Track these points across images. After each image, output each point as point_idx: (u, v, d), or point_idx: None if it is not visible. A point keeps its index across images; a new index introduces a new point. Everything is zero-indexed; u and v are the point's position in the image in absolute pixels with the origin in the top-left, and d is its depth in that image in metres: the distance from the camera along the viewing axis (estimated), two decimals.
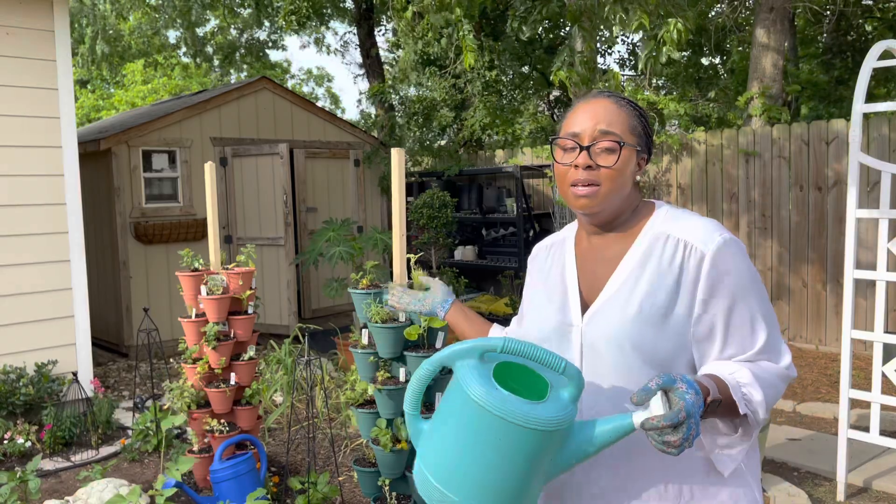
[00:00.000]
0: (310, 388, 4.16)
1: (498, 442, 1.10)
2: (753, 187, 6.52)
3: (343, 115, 21.84)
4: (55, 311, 4.83)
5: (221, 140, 7.37)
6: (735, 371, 1.26)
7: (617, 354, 1.30)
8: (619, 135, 1.33)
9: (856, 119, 3.41)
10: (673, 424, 1.08)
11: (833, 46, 10.81)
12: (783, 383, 1.31)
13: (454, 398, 1.15)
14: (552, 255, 1.51)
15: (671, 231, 1.33)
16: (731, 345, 1.29)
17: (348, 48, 25.59)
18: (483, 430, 1.10)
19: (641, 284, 1.31)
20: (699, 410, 1.10)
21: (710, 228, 1.31)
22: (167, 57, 14.54)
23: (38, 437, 4.28)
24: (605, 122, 1.34)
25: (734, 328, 1.29)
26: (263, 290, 7.26)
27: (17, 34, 4.69)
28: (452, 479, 1.13)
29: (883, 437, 3.38)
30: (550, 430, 1.11)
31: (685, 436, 1.08)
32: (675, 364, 1.30)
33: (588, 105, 1.38)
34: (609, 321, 1.31)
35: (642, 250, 1.34)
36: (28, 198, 4.74)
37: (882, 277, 3.35)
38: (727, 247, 1.28)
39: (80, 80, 19.86)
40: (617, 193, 1.35)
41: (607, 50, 12.60)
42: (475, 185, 8.12)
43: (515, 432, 1.09)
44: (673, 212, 1.38)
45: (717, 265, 1.28)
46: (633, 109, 1.39)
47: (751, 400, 1.24)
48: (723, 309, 1.28)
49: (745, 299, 1.28)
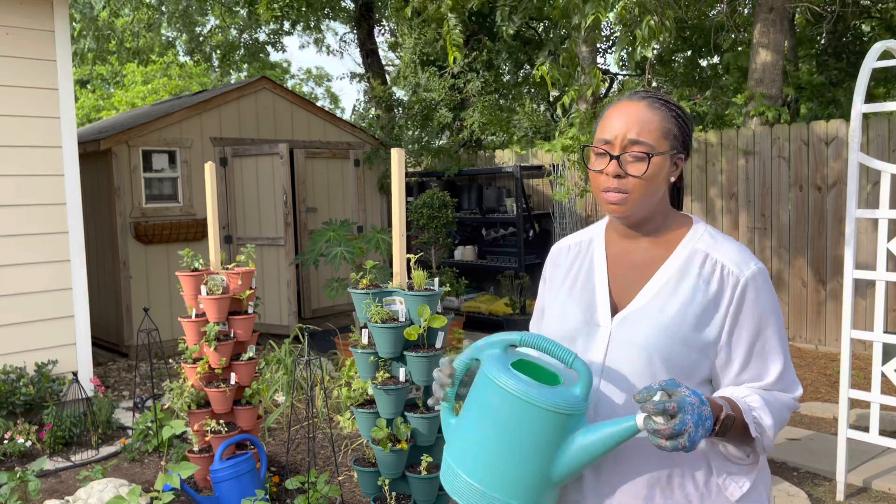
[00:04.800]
0: (310, 388, 4.16)
1: (516, 423, 1.16)
2: (753, 187, 6.52)
3: (342, 115, 21.86)
4: (55, 311, 4.83)
5: (221, 140, 7.37)
6: (747, 395, 1.30)
7: (642, 361, 1.30)
8: (649, 144, 1.32)
9: (855, 119, 3.41)
10: (660, 411, 1.11)
11: (828, 47, 10.82)
12: (789, 413, 1.36)
13: (477, 387, 1.24)
14: (578, 254, 1.50)
15: (710, 251, 1.35)
16: (748, 371, 1.33)
17: (348, 48, 25.60)
18: (503, 413, 1.17)
19: (677, 297, 1.32)
20: (697, 414, 1.13)
21: (745, 255, 1.35)
22: (161, 54, 14.52)
23: (39, 436, 4.28)
24: (637, 129, 1.32)
25: (753, 355, 1.33)
26: (263, 290, 7.27)
27: (16, 34, 4.69)
28: (475, 466, 1.20)
29: (882, 437, 3.38)
30: (564, 412, 1.17)
31: (676, 429, 1.11)
32: (694, 378, 1.32)
33: (621, 109, 1.36)
34: (640, 328, 1.32)
35: (679, 263, 1.36)
36: (28, 198, 4.74)
37: (882, 277, 3.36)
38: (760, 275, 1.33)
39: (80, 80, 19.86)
40: (648, 199, 1.35)
41: (608, 50, 12.59)
42: (475, 185, 8.13)
43: (532, 413, 1.16)
44: (711, 231, 1.40)
45: (748, 292, 1.31)
46: (668, 110, 1.36)
47: (761, 424, 1.27)
48: (746, 335, 1.32)
49: (768, 328, 1.32)
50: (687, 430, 1.11)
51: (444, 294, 5.43)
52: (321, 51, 17.13)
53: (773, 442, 1.33)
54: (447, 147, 9.14)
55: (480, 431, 1.20)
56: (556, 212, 7.49)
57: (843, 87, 9.92)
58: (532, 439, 1.17)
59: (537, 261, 7.55)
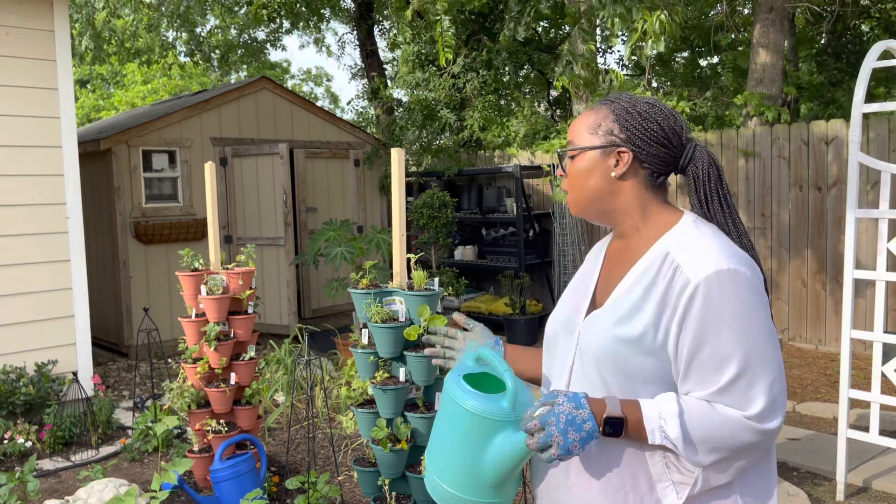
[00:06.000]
0: (310, 388, 4.16)
1: (453, 423, 1.33)
2: (753, 187, 6.52)
3: (342, 114, 21.85)
4: (55, 311, 4.83)
5: (221, 140, 7.37)
6: (665, 403, 1.23)
7: (598, 363, 1.31)
8: (573, 142, 1.38)
9: (856, 119, 3.41)
10: (526, 429, 1.23)
11: (828, 47, 10.82)
12: (747, 432, 1.21)
13: (443, 397, 1.42)
14: (592, 255, 1.54)
15: (672, 250, 1.28)
16: (689, 380, 1.24)
17: (346, 48, 25.59)
18: (449, 415, 1.34)
19: (631, 299, 1.29)
20: (567, 421, 1.20)
21: (711, 256, 1.23)
22: (162, 55, 14.50)
23: (39, 436, 4.28)
24: (571, 132, 1.39)
25: (697, 364, 1.22)
26: (263, 290, 7.27)
27: (16, 34, 4.69)
28: (436, 461, 1.38)
29: (882, 436, 3.38)
30: (488, 417, 1.29)
31: (541, 441, 1.20)
32: (657, 384, 1.28)
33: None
34: (596, 330, 1.32)
35: (646, 265, 1.31)
36: (28, 198, 4.74)
37: (882, 277, 3.36)
38: (717, 278, 1.20)
39: (80, 80, 19.86)
40: (589, 196, 1.37)
41: (608, 49, 12.60)
42: (475, 185, 8.13)
43: (465, 416, 1.31)
44: (690, 229, 1.31)
45: (696, 297, 1.21)
46: (609, 107, 1.36)
47: (666, 433, 1.22)
48: (688, 344, 1.22)
49: (718, 337, 1.20)
50: (554, 440, 1.20)
51: (444, 294, 5.43)
52: (321, 51, 17.14)
53: (712, 457, 1.23)
54: (447, 147, 9.14)
55: (437, 430, 1.39)
56: (556, 212, 7.49)
57: (842, 87, 9.93)
58: (464, 438, 1.31)
59: (537, 261, 7.55)
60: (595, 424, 1.21)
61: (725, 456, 1.23)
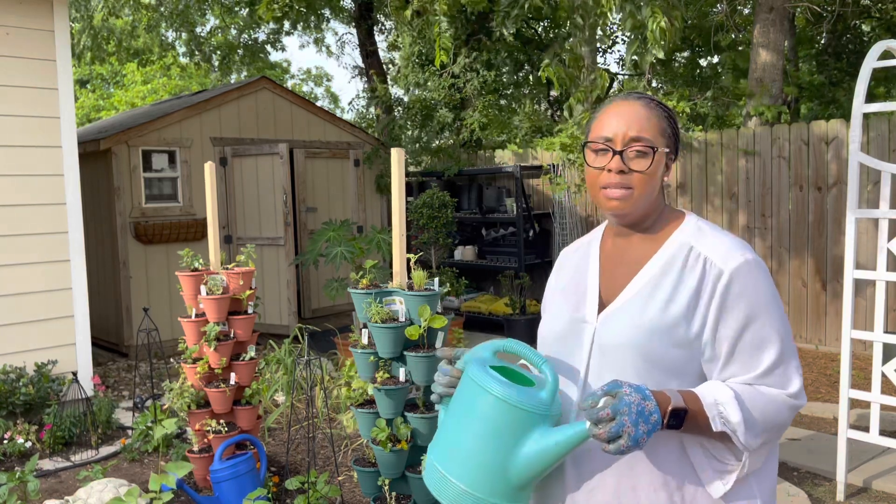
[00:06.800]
0: (310, 388, 4.16)
1: (482, 415, 1.23)
2: (753, 187, 6.52)
3: (342, 114, 21.85)
4: (55, 311, 4.83)
5: (221, 140, 7.37)
6: (717, 389, 1.26)
7: (624, 359, 1.31)
8: (650, 139, 1.34)
9: (856, 119, 3.41)
10: (595, 418, 1.16)
11: (828, 47, 10.82)
12: (788, 411, 1.29)
13: (459, 386, 1.32)
14: (577, 257, 1.53)
15: (695, 244, 1.34)
16: (732, 364, 1.29)
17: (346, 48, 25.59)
18: (475, 406, 1.25)
19: (659, 293, 1.32)
20: (637, 412, 1.15)
21: (734, 247, 1.31)
22: (161, 55, 14.50)
23: (38, 436, 4.28)
24: (637, 126, 1.35)
25: (740, 350, 1.28)
26: (263, 290, 7.26)
27: (16, 34, 4.69)
28: (440, 453, 1.28)
29: (883, 437, 3.38)
30: (525, 409, 1.22)
31: (613, 431, 1.14)
32: (684, 375, 1.31)
33: (618, 108, 1.38)
34: (622, 325, 1.32)
35: (665, 259, 1.35)
36: (28, 198, 4.74)
37: (882, 277, 3.35)
38: (747, 267, 1.29)
39: (80, 79, 19.85)
40: (649, 195, 1.37)
41: (608, 49, 12.60)
42: (475, 185, 8.12)
43: (497, 406, 1.22)
44: (701, 225, 1.38)
45: (732, 285, 1.28)
46: (662, 111, 1.39)
47: (727, 419, 1.23)
48: (731, 330, 1.28)
49: (757, 322, 1.28)
50: (625, 430, 1.14)
51: (444, 294, 5.43)
52: (321, 51, 17.13)
53: (761, 439, 1.27)
54: (447, 147, 9.14)
55: (454, 424, 1.28)
56: (556, 211, 7.49)
57: (843, 87, 9.93)
58: (494, 432, 1.22)
59: (537, 261, 7.55)
60: (660, 416, 1.19)
61: (771, 437, 1.29)
